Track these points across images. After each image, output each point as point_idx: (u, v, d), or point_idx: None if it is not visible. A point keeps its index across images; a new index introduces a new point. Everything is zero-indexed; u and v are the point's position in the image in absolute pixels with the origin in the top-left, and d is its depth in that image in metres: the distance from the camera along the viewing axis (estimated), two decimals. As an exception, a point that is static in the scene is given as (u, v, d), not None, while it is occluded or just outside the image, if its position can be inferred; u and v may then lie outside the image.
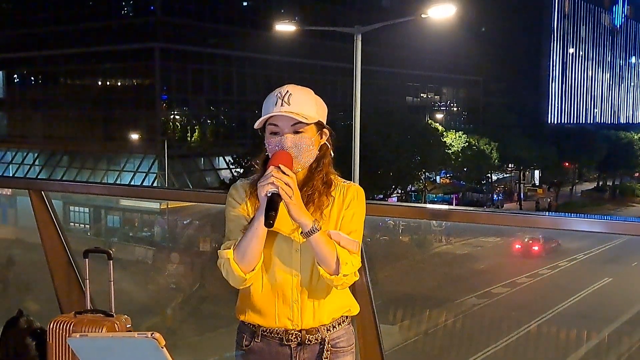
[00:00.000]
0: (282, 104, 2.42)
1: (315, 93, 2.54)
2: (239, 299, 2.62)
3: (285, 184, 2.29)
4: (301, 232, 2.38)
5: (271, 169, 2.32)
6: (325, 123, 2.53)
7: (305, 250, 2.47)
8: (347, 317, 2.63)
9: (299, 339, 2.53)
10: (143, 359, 1.98)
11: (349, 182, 2.57)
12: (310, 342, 2.54)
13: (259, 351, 2.58)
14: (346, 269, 2.42)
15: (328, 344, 2.55)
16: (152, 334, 1.88)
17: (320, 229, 2.37)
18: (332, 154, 2.56)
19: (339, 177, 2.57)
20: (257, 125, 2.46)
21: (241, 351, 2.62)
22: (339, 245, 2.43)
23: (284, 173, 2.31)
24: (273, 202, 2.28)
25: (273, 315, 2.53)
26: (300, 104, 2.44)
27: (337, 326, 2.58)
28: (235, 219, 2.52)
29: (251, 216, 2.46)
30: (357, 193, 2.55)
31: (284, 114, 2.41)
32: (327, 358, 2.55)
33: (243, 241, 2.40)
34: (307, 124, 2.44)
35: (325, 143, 2.54)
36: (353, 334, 2.66)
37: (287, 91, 2.45)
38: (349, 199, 2.52)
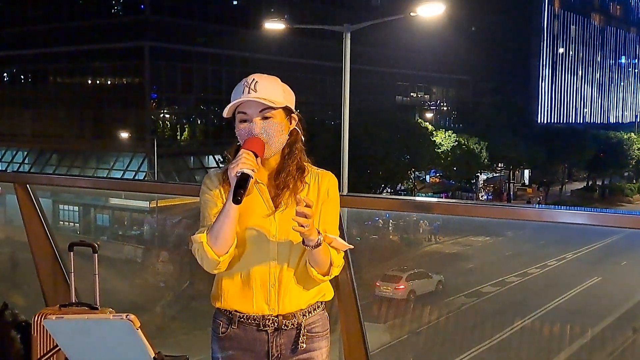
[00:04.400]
0: (249, 91, 2.48)
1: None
2: (215, 286, 2.63)
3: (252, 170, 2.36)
4: (304, 244, 2.44)
5: (242, 151, 2.40)
6: (293, 109, 2.58)
7: (282, 236, 2.52)
8: (322, 302, 2.66)
9: (276, 324, 2.55)
10: (119, 340, 2.00)
11: (321, 169, 2.63)
12: (287, 327, 2.56)
13: (235, 337, 2.59)
14: (336, 270, 2.55)
15: (304, 329, 2.58)
16: (127, 315, 1.90)
17: (322, 242, 2.44)
18: (303, 139, 2.61)
19: (311, 164, 2.62)
20: (225, 114, 2.53)
21: (217, 338, 2.63)
22: (331, 245, 2.51)
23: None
24: (242, 181, 2.34)
25: (251, 300, 2.54)
26: (267, 89, 2.49)
27: (312, 311, 2.61)
28: (209, 205, 2.56)
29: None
30: (333, 181, 2.61)
31: (251, 99, 2.46)
32: (303, 343, 2.57)
33: (215, 224, 2.44)
34: (275, 109, 2.49)
35: (295, 128, 2.58)
36: (327, 319, 2.69)
37: (253, 79, 2.51)
38: (325, 187, 2.58)
